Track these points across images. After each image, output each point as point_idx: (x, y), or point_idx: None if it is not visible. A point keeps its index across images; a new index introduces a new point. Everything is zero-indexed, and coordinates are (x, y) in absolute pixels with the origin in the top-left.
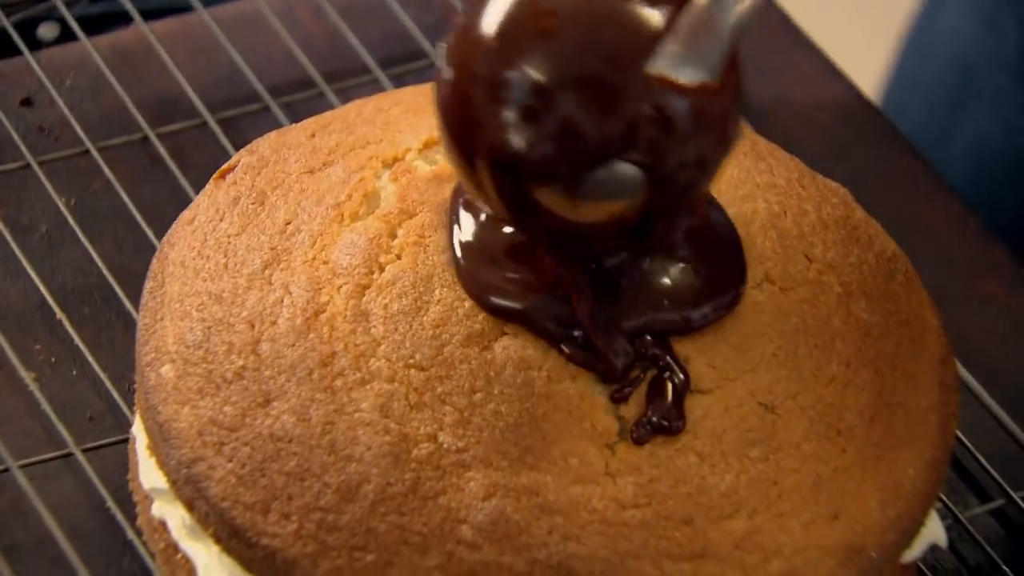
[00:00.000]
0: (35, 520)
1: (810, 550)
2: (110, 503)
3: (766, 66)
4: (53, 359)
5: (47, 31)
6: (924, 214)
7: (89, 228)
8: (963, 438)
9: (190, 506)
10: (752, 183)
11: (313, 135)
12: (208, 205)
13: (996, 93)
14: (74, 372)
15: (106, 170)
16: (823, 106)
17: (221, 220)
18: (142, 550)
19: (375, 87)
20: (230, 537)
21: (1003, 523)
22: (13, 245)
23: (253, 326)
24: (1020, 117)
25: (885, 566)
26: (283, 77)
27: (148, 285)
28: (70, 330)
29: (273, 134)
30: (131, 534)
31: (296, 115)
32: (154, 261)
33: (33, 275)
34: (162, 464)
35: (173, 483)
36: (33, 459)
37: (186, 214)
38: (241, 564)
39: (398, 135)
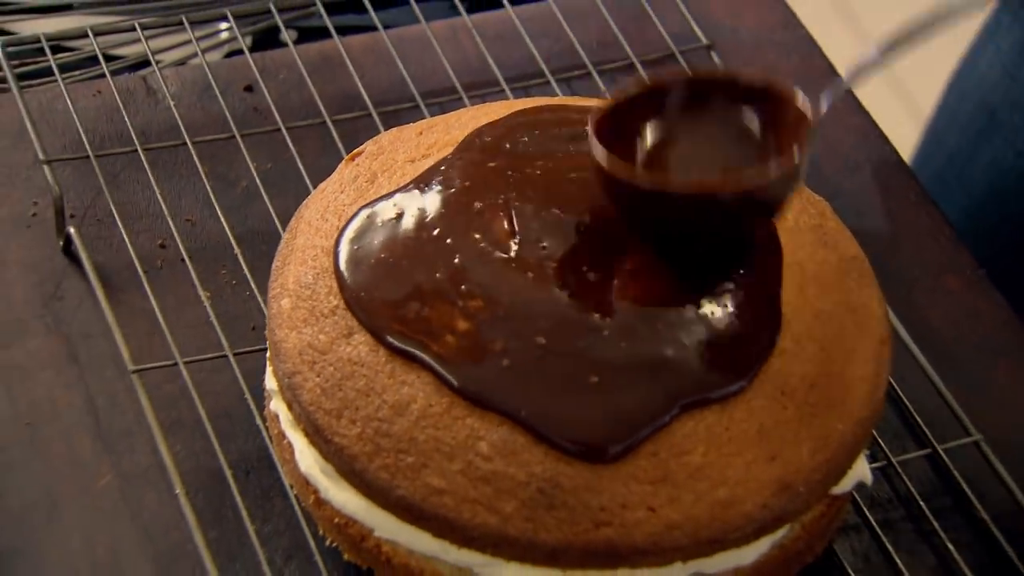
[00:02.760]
0: (191, 404)
1: (750, 482)
2: (247, 396)
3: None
4: (234, 282)
5: (287, 36)
6: (910, 222)
7: (273, 188)
8: (904, 399)
9: (289, 406)
10: None
11: (421, 132)
12: (336, 179)
13: (1012, 128)
14: (247, 293)
15: (291, 145)
16: (847, 131)
17: (342, 192)
18: (264, 434)
19: (500, 96)
20: (314, 433)
21: (933, 467)
22: (218, 196)
23: None
24: None
25: (812, 498)
26: (436, 84)
27: (284, 236)
28: (243, 262)
29: (395, 129)
30: (259, 421)
31: (438, 114)
32: (293, 218)
33: (228, 219)
34: (275, 372)
35: (280, 388)
36: (196, 357)
37: (322, 185)
38: (320, 454)
39: None
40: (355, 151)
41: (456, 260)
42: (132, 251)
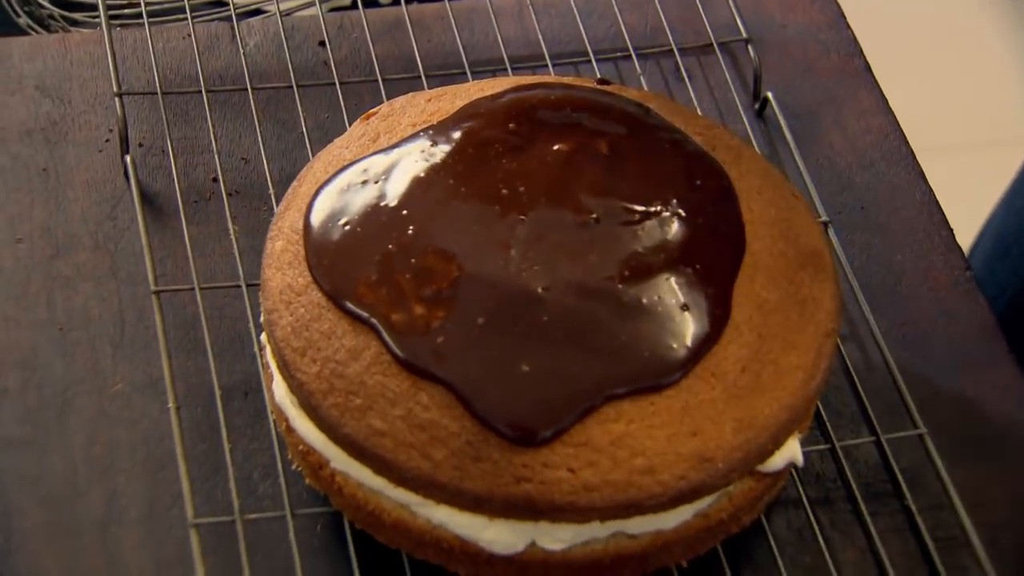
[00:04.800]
0: (200, 326)
1: (669, 454)
2: (251, 326)
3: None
4: (267, 220)
5: None
6: (911, 219)
7: (323, 138)
8: (861, 387)
9: (269, 340)
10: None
11: (430, 99)
12: (347, 136)
13: None
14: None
15: (342, 100)
16: (868, 130)
17: (346, 148)
18: (259, 361)
19: (543, 71)
20: (283, 367)
21: (879, 454)
22: (273, 140)
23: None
24: None
25: (733, 474)
26: (487, 55)
27: (293, 184)
28: (275, 203)
29: (410, 95)
30: (256, 348)
31: None
32: (305, 167)
33: (277, 161)
34: (262, 306)
35: (263, 322)
36: (212, 284)
37: (337, 139)
38: (288, 386)
39: None
40: (371, 111)
41: (411, 231)
42: (184, 182)
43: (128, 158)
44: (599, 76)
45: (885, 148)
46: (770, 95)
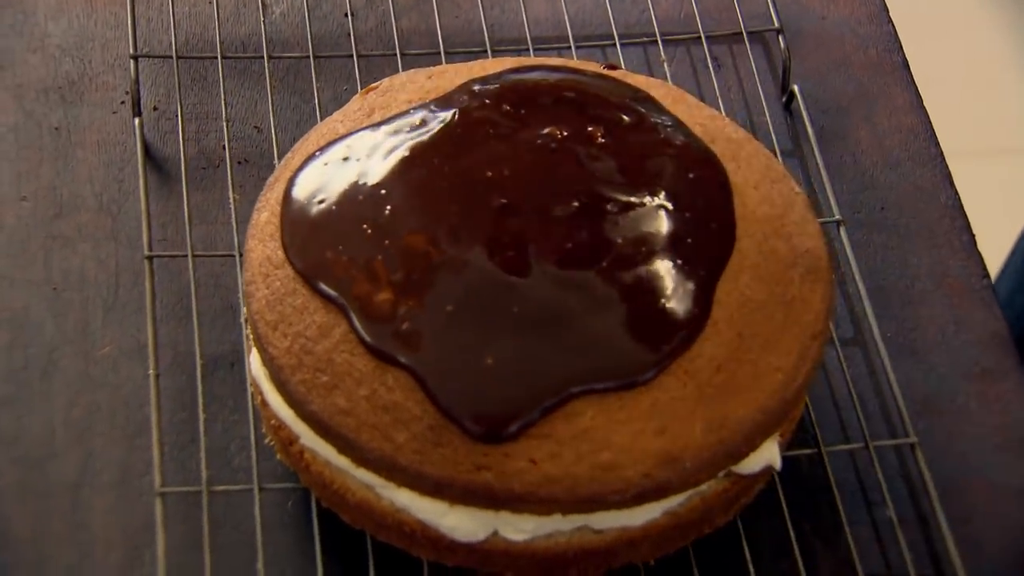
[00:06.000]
0: (190, 287)
1: (634, 451)
2: (240, 296)
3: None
4: None
5: None
6: (933, 222)
7: (335, 109)
8: (854, 392)
9: (247, 312)
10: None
11: (431, 77)
12: (344, 109)
13: None
14: None
15: (357, 72)
16: (898, 128)
17: (341, 122)
18: (243, 332)
19: (566, 53)
20: (256, 340)
21: (867, 462)
22: (287, 110)
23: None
24: None
25: (701, 475)
26: (511, 34)
27: (287, 155)
28: None
29: (413, 71)
30: (242, 319)
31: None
32: (301, 139)
33: (289, 132)
34: (241, 277)
35: (242, 294)
36: (205, 252)
37: (335, 113)
38: (261, 360)
39: None
40: (372, 85)
41: (388, 211)
42: (195, 148)
43: (137, 121)
44: (617, 61)
45: (913, 148)
46: (796, 88)
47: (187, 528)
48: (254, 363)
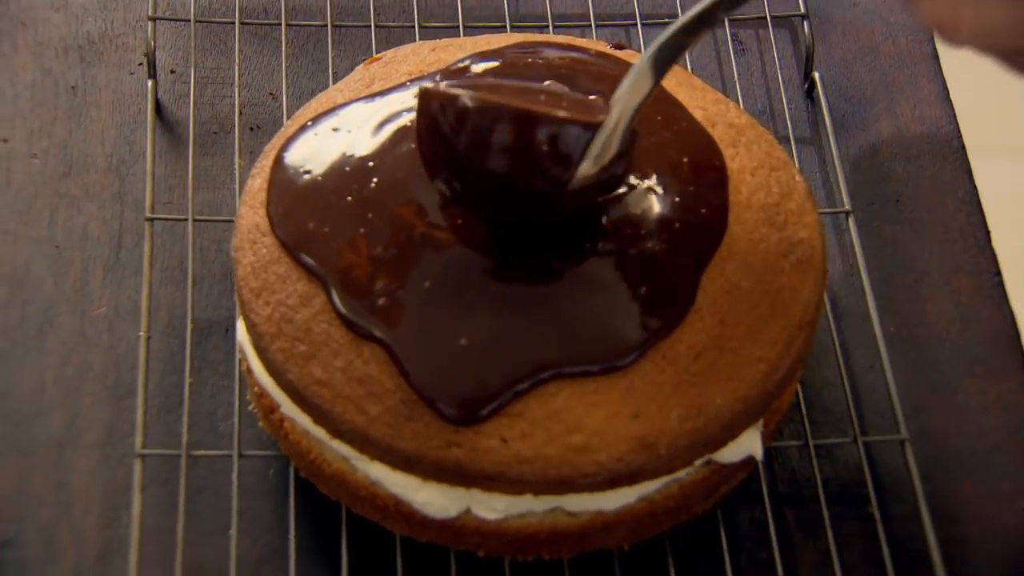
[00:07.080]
0: (186, 254)
1: (607, 434)
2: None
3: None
4: None
5: None
6: (947, 215)
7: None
8: (847, 386)
9: (235, 277)
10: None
11: (434, 50)
12: (347, 79)
13: None
14: None
15: (374, 43)
16: (921, 120)
17: (341, 91)
18: (236, 298)
19: (587, 32)
20: (240, 306)
21: (856, 456)
22: (303, 77)
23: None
24: None
25: (676, 462)
26: (533, 11)
27: (287, 122)
28: None
29: (418, 43)
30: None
31: None
32: (303, 107)
33: (302, 99)
34: (231, 243)
35: (232, 259)
36: (205, 217)
37: (338, 83)
38: (245, 326)
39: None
40: (377, 55)
41: (374, 184)
42: (208, 112)
43: (150, 83)
44: (639, 42)
45: (935, 141)
46: (817, 75)
47: (167, 491)
48: (239, 330)
